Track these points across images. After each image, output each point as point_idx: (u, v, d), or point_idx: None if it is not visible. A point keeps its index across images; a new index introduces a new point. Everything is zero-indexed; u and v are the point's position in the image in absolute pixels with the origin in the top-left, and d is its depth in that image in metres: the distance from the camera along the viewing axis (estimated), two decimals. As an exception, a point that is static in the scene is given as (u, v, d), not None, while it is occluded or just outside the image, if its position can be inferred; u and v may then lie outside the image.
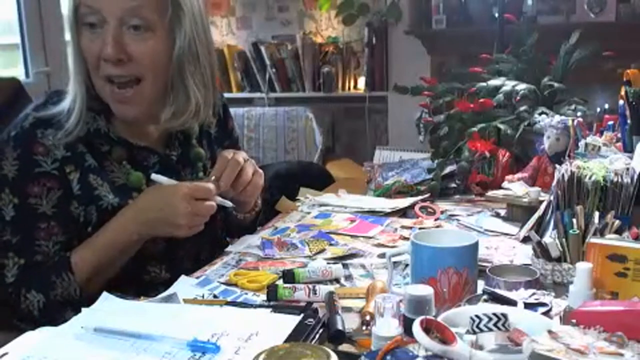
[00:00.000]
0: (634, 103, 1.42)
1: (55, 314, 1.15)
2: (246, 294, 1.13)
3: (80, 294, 1.18)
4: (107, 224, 1.21)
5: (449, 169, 1.81)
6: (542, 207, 1.35)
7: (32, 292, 1.17)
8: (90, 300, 1.09)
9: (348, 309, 1.03)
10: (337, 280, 1.18)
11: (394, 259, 1.09)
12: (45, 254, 1.19)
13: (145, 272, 1.28)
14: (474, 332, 0.79)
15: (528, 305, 0.93)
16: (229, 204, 1.26)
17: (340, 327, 0.92)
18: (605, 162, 1.27)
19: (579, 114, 1.70)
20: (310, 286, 1.09)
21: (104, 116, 1.25)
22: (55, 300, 1.17)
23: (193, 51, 1.22)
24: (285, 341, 0.88)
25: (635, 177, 1.21)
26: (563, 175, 1.25)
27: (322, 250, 1.33)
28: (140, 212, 1.20)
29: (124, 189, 1.24)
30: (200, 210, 1.19)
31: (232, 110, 1.52)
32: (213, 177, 1.25)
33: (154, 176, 1.22)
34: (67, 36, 1.22)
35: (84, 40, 1.19)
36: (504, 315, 0.79)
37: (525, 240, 1.32)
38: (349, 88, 4.11)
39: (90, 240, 1.21)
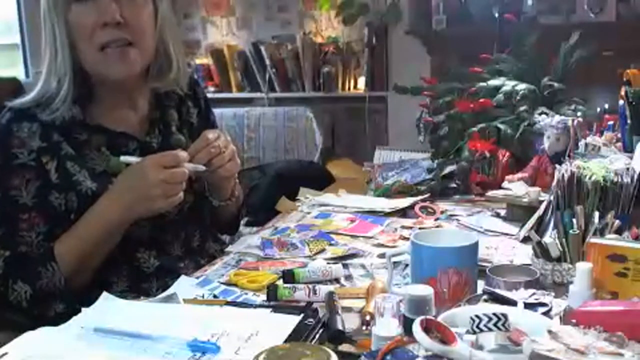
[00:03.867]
0: (634, 103, 1.42)
1: (43, 304, 1.18)
2: (246, 294, 1.13)
3: (66, 283, 1.19)
4: (87, 213, 1.21)
5: (449, 169, 1.81)
6: (542, 207, 1.35)
7: (19, 283, 1.18)
8: (77, 292, 1.12)
9: (348, 309, 1.03)
10: (337, 280, 1.18)
11: (394, 259, 1.09)
12: (29, 245, 1.20)
13: (135, 259, 1.28)
14: (474, 332, 0.79)
15: (528, 305, 0.93)
16: (201, 167, 1.25)
17: (340, 327, 0.92)
18: (605, 162, 1.27)
19: (579, 114, 1.70)
20: (310, 286, 1.09)
21: (79, 104, 1.26)
22: (42, 291, 1.18)
23: (170, 18, 1.32)
24: (285, 341, 0.88)
25: (635, 177, 1.21)
26: (563, 175, 1.25)
27: (322, 250, 1.33)
28: (116, 196, 1.21)
29: (104, 175, 1.25)
30: (171, 177, 1.18)
31: (232, 110, 1.54)
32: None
33: (122, 158, 1.23)
34: (46, 26, 1.23)
35: (74, 15, 1.21)
36: (504, 315, 0.79)
37: (525, 240, 1.32)
38: (349, 88, 4.11)
39: (73, 230, 1.22)
